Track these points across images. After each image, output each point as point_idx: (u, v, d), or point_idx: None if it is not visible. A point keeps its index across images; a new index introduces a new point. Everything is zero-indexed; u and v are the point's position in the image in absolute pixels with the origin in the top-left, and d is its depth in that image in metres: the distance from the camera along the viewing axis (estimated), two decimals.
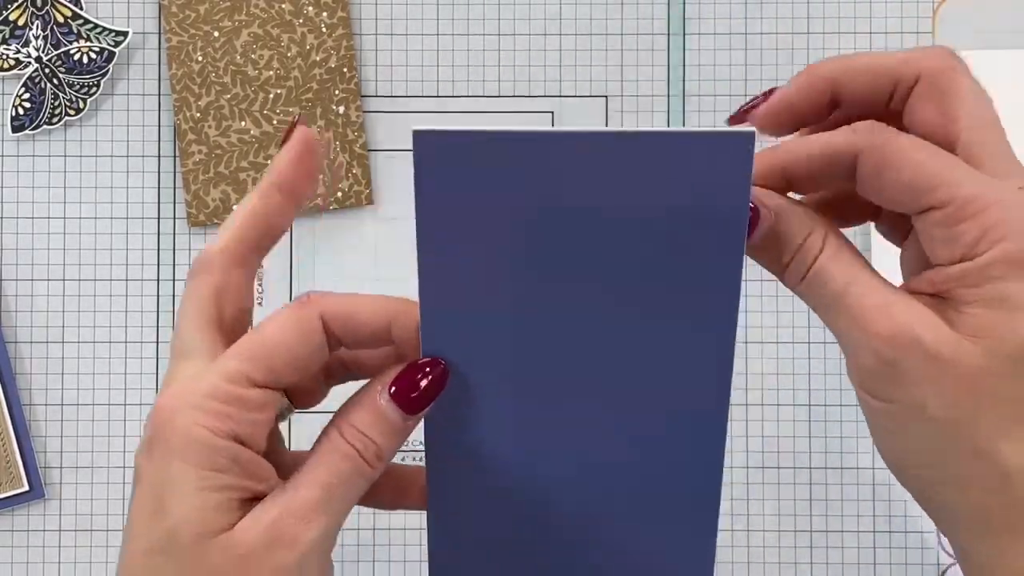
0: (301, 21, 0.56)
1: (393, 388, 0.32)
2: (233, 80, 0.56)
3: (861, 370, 0.31)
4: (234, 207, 0.56)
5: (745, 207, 0.30)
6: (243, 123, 0.56)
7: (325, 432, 0.33)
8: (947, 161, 0.30)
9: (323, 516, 0.31)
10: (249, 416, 0.31)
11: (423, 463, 0.36)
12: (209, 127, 0.56)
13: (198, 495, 0.30)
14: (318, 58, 0.56)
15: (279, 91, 0.56)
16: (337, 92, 0.56)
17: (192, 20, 0.56)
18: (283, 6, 0.56)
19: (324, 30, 0.56)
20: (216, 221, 0.56)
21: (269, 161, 0.56)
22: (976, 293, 0.29)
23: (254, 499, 0.31)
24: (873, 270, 0.31)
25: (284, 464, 0.33)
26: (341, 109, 0.56)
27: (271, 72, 0.56)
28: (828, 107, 0.33)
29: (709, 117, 0.57)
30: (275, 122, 0.56)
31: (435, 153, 0.32)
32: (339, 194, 0.57)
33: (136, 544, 0.31)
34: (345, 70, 0.57)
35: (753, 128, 0.30)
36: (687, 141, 0.30)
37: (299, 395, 0.36)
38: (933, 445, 0.30)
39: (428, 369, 0.33)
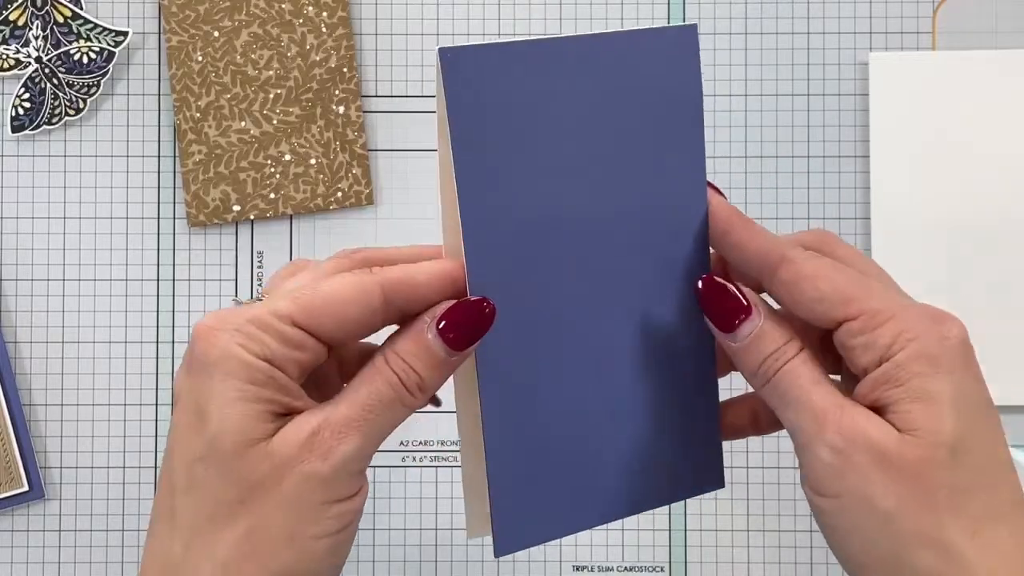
0: (301, 21, 0.56)
1: (441, 323, 0.34)
2: (233, 80, 0.56)
3: (814, 466, 0.33)
4: (234, 207, 0.56)
5: (698, 79, 0.37)
6: (243, 123, 0.56)
7: (371, 359, 0.34)
8: (856, 277, 0.34)
9: (358, 433, 0.33)
10: (283, 349, 0.32)
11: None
12: (209, 127, 0.56)
13: (237, 404, 0.32)
14: (318, 58, 0.56)
15: (279, 91, 0.56)
16: (337, 92, 0.56)
17: (192, 20, 0.56)
18: (283, 6, 0.56)
19: (324, 30, 0.56)
20: (216, 221, 0.56)
21: (269, 161, 0.56)
22: (902, 392, 0.32)
23: (289, 414, 0.33)
24: (831, 381, 0.34)
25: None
26: (341, 109, 0.56)
27: (271, 72, 0.56)
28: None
29: (709, 117, 0.57)
30: (275, 122, 0.56)
31: (460, 65, 0.35)
32: (339, 194, 0.57)
33: (178, 456, 0.33)
34: (345, 70, 0.56)
35: (695, 22, 0.40)
36: (650, 35, 0.37)
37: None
38: (883, 537, 0.32)
39: (476, 308, 0.34)
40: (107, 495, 0.57)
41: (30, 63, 0.56)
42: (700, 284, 0.36)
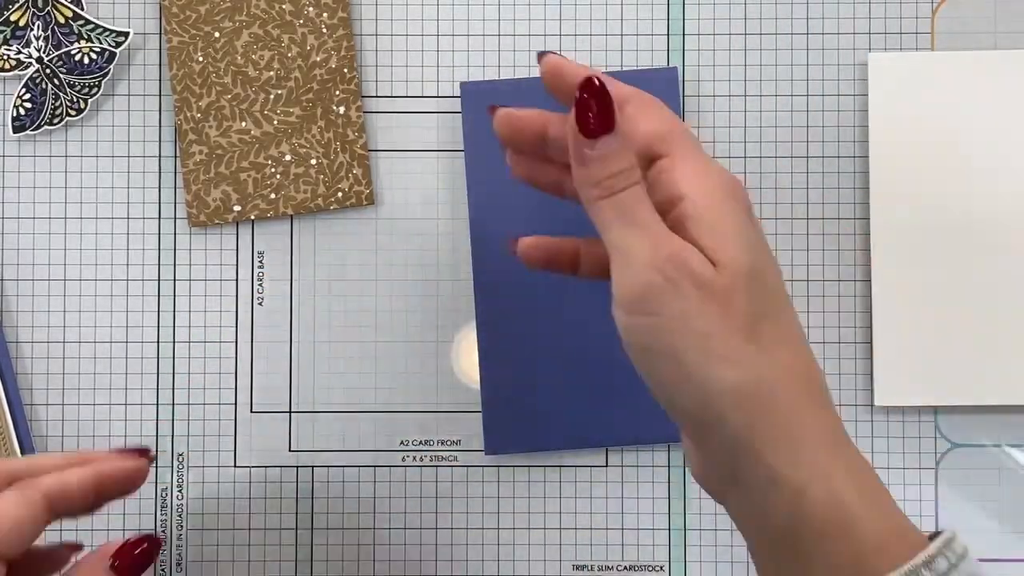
0: (301, 22, 0.56)
1: (116, 561, 0.39)
2: (234, 80, 0.56)
3: (636, 285, 0.36)
4: (235, 207, 0.56)
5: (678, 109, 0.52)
6: (244, 123, 0.56)
7: None
8: (679, 122, 0.39)
9: None
10: None
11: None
12: (210, 127, 0.56)
13: None
14: (318, 58, 0.56)
15: (280, 91, 0.56)
16: (337, 92, 0.56)
17: (193, 20, 0.56)
18: (283, 7, 0.56)
19: (324, 31, 0.56)
20: (216, 221, 0.57)
21: (270, 161, 0.56)
22: (704, 227, 0.37)
23: None
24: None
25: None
26: (341, 109, 0.56)
27: (271, 72, 0.56)
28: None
29: (708, 117, 0.57)
30: (276, 122, 0.56)
31: (476, 98, 0.55)
32: (339, 194, 0.57)
33: None
34: (345, 70, 0.57)
35: (676, 66, 0.56)
36: (640, 75, 0.54)
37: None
38: (694, 355, 0.36)
39: (145, 545, 0.40)
40: None
41: (31, 64, 0.56)
42: (583, 83, 0.36)
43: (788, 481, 0.35)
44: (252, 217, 0.56)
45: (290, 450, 0.57)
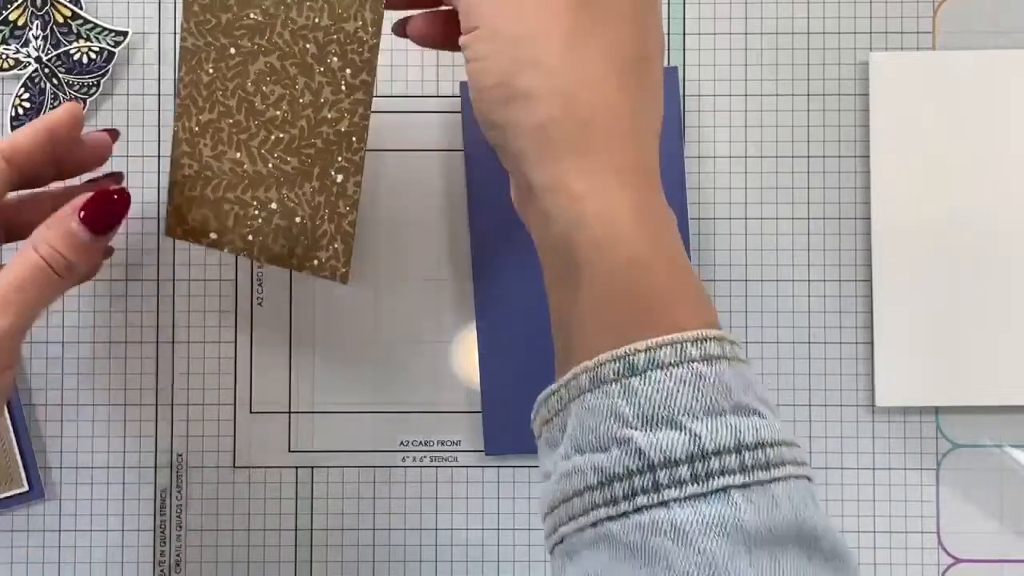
0: (322, 70, 0.50)
1: (83, 212, 0.43)
2: (238, 106, 0.51)
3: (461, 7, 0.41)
4: (212, 235, 0.52)
5: (677, 113, 0.54)
6: (238, 154, 0.52)
7: (20, 249, 0.43)
8: None
9: (12, 310, 0.42)
10: None
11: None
12: (205, 145, 0.52)
13: None
14: (329, 115, 0.51)
15: (281, 135, 0.51)
16: (340, 159, 0.51)
17: (211, 27, 0.51)
18: (308, 46, 0.50)
19: (343, 88, 0.50)
20: (191, 239, 0.52)
21: (255, 202, 0.52)
22: None
23: None
24: None
25: None
26: (339, 178, 0.51)
27: (278, 112, 0.51)
28: None
29: (709, 117, 0.57)
30: (270, 165, 0.51)
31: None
32: (315, 262, 0.51)
33: None
34: (354, 139, 0.50)
35: (676, 66, 0.56)
36: None
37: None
38: (505, 61, 0.40)
39: (115, 196, 0.44)
40: (107, 495, 0.57)
41: (30, 63, 0.56)
42: None
43: (569, 189, 0.38)
44: (225, 251, 0.52)
45: (290, 450, 0.57)
